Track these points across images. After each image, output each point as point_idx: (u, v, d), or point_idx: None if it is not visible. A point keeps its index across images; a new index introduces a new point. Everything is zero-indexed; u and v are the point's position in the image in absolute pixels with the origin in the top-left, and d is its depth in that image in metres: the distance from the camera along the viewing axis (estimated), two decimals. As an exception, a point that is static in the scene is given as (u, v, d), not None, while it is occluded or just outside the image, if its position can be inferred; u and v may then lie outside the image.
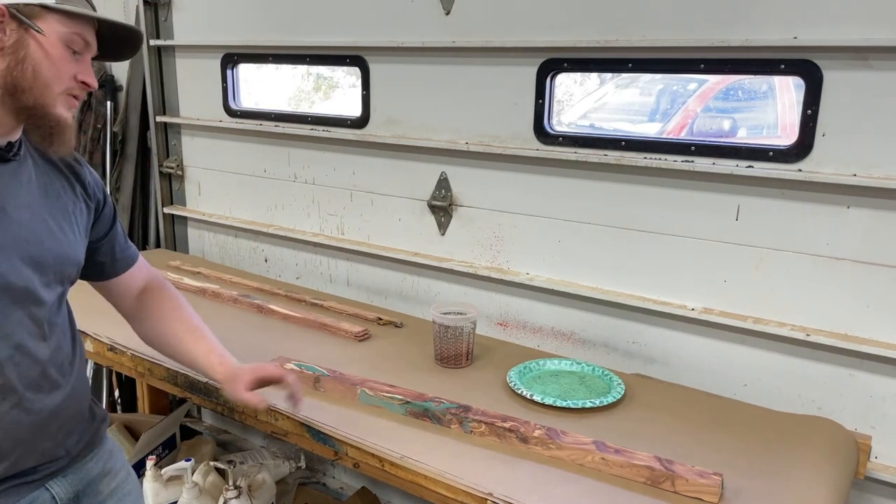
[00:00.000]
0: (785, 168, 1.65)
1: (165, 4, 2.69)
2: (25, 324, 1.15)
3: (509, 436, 1.45)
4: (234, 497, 1.97)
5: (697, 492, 1.28)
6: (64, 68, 1.11)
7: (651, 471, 1.31)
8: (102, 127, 2.95)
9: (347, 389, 1.64)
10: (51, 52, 1.09)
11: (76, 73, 1.14)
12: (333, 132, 2.37)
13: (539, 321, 2.09)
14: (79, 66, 1.14)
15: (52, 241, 1.19)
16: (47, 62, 1.09)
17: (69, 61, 1.12)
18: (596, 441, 1.39)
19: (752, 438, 1.52)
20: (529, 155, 1.97)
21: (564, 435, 1.42)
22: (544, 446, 1.41)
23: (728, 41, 1.64)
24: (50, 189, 1.21)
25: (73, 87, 1.14)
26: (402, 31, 2.14)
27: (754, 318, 1.74)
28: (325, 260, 2.54)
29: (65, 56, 1.11)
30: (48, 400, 1.20)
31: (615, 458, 1.34)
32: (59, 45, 1.10)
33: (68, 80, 1.13)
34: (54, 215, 1.20)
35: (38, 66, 1.08)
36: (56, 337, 1.22)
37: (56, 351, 1.22)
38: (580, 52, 1.86)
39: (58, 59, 1.10)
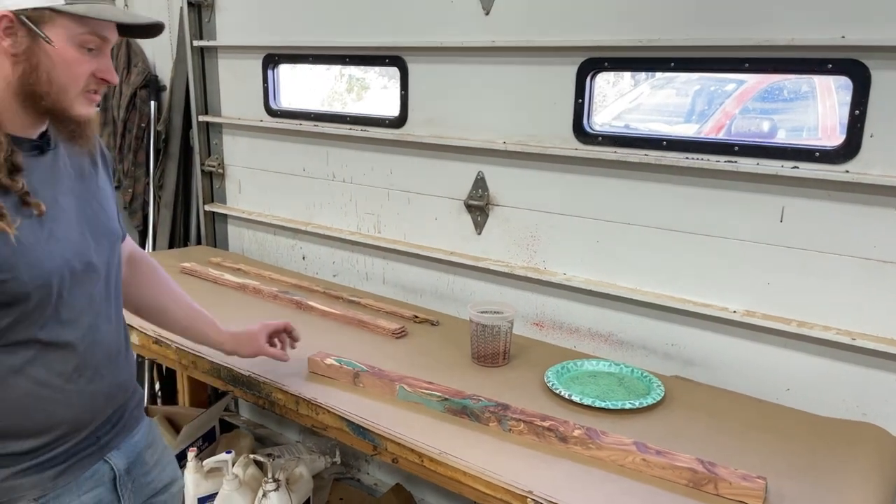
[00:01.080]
0: (831, 169, 1.62)
1: (209, 6, 2.75)
2: (94, 303, 1.22)
3: (548, 435, 1.45)
4: (272, 490, 2.00)
5: (741, 495, 1.27)
6: (79, 70, 1.10)
7: (693, 473, 1.30)
8: (147, 126, 3.02)
9: (386, 385, 1.66)
10: (64, 57, 1.08)
11: (94, 70, 1.12)
12: (371, 132, 2.39)
13: (576, 322, 2.09)
14: (96, 62, 1.12)
15: (98, 221, 1.24)
16: (61, 67, 1.08)
17: (85, 61, 1.11)
18: (637, 442, 1.39)
19: (795, 443, 1.50)
20: (568, 154, 1.96)
21: (604, 435, 1.42)
22: (584, 446, 1.41)
23: (773, 40, 1.62)
24: (83, 170, 1.25)
25: (91, 85, 1.13)
26: (441, 32, 2.15)
27: (798, 322, 1.71)
28: (362, 258, 2.56)
29: (79, 58, 1.10)
30: (116, 374, 1.28)
31: (656, 460, 1.34)
32: (73, 47, 1.09)
33: (85, 79, 1.12)
34: (95, 195, 1.26)
35: (52, 71, 1.08)
36: (116, 316, 1.30)
37: (117, 329, 1.30)
38: (621, 52, 1.85)
39: (72, 61, 1.09)
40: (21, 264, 1.08)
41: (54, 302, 1.14)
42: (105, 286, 1.25)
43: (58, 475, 1.19)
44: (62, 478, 1.20)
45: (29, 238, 1.09)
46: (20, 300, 1.09)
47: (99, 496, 1.26)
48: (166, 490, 1.43)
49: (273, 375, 1.73)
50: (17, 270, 1.07)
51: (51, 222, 1.14)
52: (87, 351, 1.21)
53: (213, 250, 2.93)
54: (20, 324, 1.11)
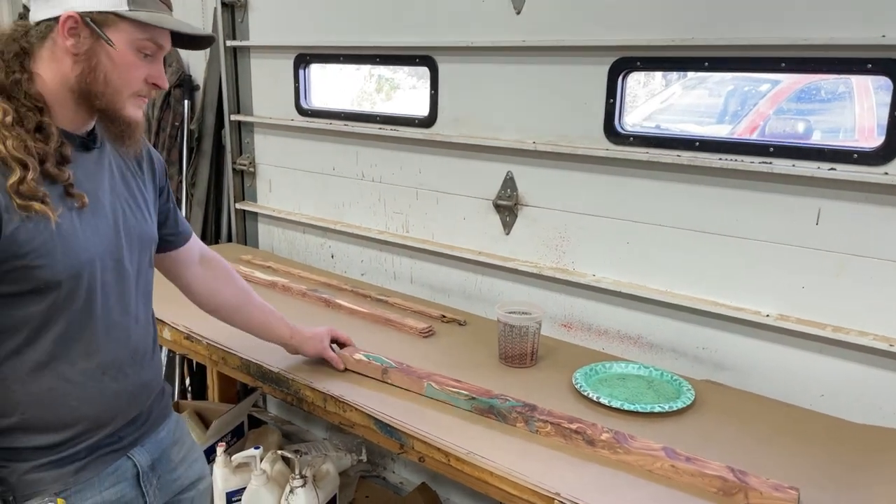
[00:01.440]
0: (870, 171, 1.58)
1: (242, 6, 2.78)
2: (122, 302, 1.24)
3: (576, 437, 1.44)
4: (299, 486, 2.02)
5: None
6: (135, 74, 1.15)
7: (723, 481, 1.28)
8: (180, 125, 3.07)
9: (413, 382, 1.66)
10: (122, 61, 1.13)
11: (147, 75, 1.16)
12: (401, 131, 2.40)
13: (604, 324, 2.07)
14: (150, 68, 1.17)
15: (135, 222, 1.27)
16: (118, 70, 1.13)
17: (141, 66, 1.15)
18: (665, 448, 1.37)
19: (830, 451, 1.47)
20: (599, 155, 1.95)
21: (633, 440, 1.40)
22: (612, 450, 1.40)
23: (811, 39, 1.59)
24: (126, 172, 1.29)
25: (142, 89, 1.18)
26: (472, 31, 2.15)
27: (833, 327, 1.68)
28: (390, 257, 2.57)
29: (135, 62, 1.14)
30: (140, 374, 1.30)
31: (686, 467, 1.32)
32: (131, 52, 1.13)
33: (138, 83, 1.16)
34: (134, 196, 1.29)
35: (109, 73, 1.12)
36: (145, 317, 1.31)
37: (145, 329, 1.31)
38: (654, 51, 1.83)
39: (129, 66, 1.13)
40: (57, 252, 1.10)
41: (83, 295, 1.16)
42: (135, 286, 1.27)
43: (79, 470, 1.21)
44: (83, 473, 1.22)
45: (67, 228, 1.12)
46: (52, 288, 1.11)
47: (121, 492, 1.27)
48: (193, 487, 1.44)
49: (302, 372, 1.75)
50: (52, 257, 1.10)
51: (89, 216, 1.17)
52: (112, 349, 1.23)
53: (243, 248, 2.96)
54: (49, 316, 1.13)
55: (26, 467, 1.16)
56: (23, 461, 1.16)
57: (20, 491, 1.16)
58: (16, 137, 1.06)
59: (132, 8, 1.11)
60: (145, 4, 1.13)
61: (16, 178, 1.05)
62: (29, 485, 1.17)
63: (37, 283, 1.10)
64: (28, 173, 1.05)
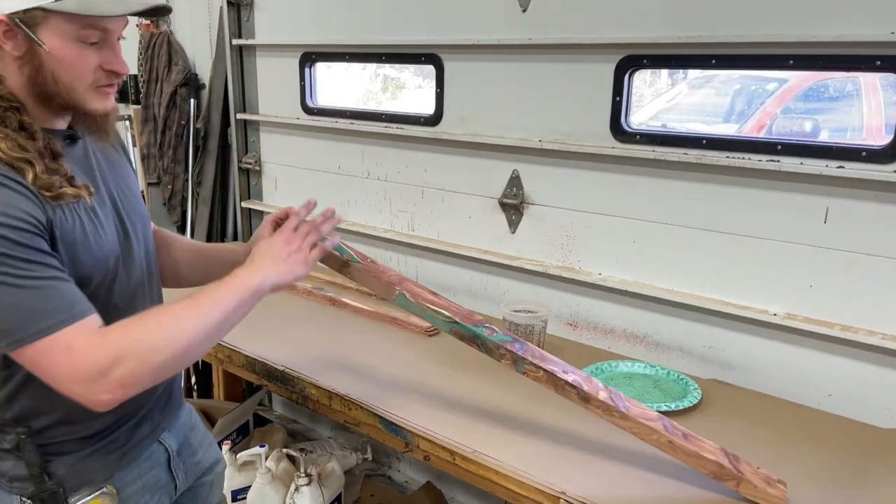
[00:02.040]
0: (879, 169, 1.57)
1: (248, 5, 2.78)
2: (139, 286, 1.25)
3: (569, 390, 1.31)
4: (304, 484, 2.02)
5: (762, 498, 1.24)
6: (82, 66, 1.07)
7: (720, 467, 1.26)
8: (186, 123, 3.08)
9: (382, 286, 1.40)
10: (63, 56, 1.05)
11: (100, 63, 1.08)
12: (406, 130, 2.39)
13: (611, 322, 2.06)
14: (101, 55, 1.08)
15: (131, 206, 1.25)
16: (64, 66, 1.05)
17: (87, 56, 1.07)
18: (662, 418, 1.30)
19: (836, 451, 1.46)
20: (605, 153, 1.94)
21: (630, 403, 1.31)
22: (607, 412, 1.29)
23: (820, 36, 1.58)
24: (111, 159, 1.27)
25: (101, 79, 1.10)
26: (477, 29, 2.14)
27: (842, 326, 1.66)
28: (396, 256, 2.57)
29: (80, 54, 1.06)
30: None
31: (683, 445, 1.27)
32: (71, 44, 1.05)
33: (92, 74, 1.08)
34: (124, 179, 1.27)
35: (56, 71, 1.05)
36: (158, 297, 1.33)
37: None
38: (661, 49, 1.82)
39: (73, 58, 1.05)
40: (84, 249, 1.11)
41: (108, 286, 1.17)
42: (147, 268, 1.28)
43: (122, 457, 1.24)
44: (125, 459, 1.25)
45: (87, 225, 1.12)
46: (84, 284, 1.11)
47: (156, 477, 1.31)
48: (212, 470, 1.48)
49: (307, 370, 1.75)
50: (81, 255, 1.11)
51: (97, 209, 1.16)
52: None
53: (249, 246, 2.96)
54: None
55: (74, 459, 1.18)
56: (69, 453, 1.18)
57: (69, 482, 1.18)
58: (6, 138, 1.03)
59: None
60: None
61: (30, 176, 1.03)
62: (77, 475, 1.19)
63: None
64: (36, 168, 1.04)
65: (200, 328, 1.10)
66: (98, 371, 1.02)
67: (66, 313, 1.02)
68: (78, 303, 1.05)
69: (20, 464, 1.15)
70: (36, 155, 1.05)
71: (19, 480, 1.16)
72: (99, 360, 1.02)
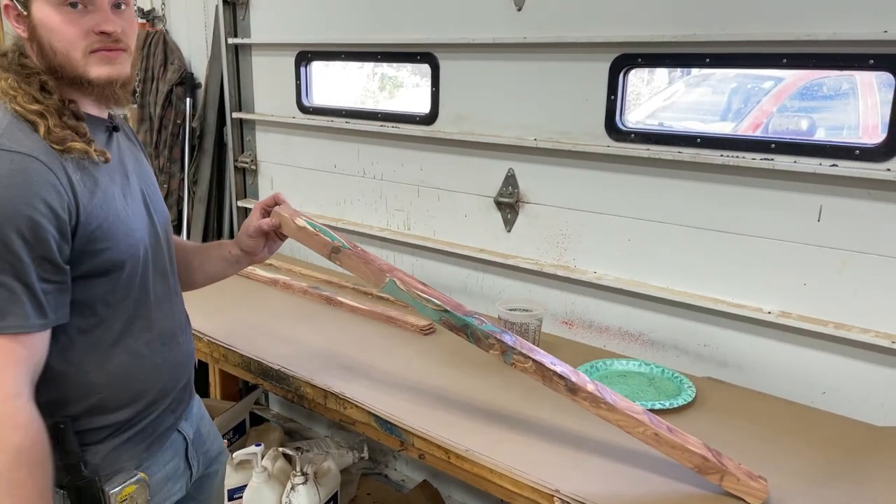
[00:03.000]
0: (872, 167, 1.57)
1: (243, 4, 2.78)
2: (165, 276, 1.30)
3: (558, 382, 1.32)
4: (301, 483, 2.02)
5: (744, 492, 1.25)
6: (70, 31, 1.09)
7: (704, 461, 1.26)
8: (182, 122, 3.07)
9: (372, 273, 1.39)
10: (51, 23, 1.09)
11: (90, 27, 1.11)
12: (402, 129, 2.39)
13: (606, 321, 2.06)
14: (88, 18, 1.11)
15: (156, 201, 1.31)
16: (54, 34, 1.09)
17: (73, 21, 1.09)
18: (647, 412, 1.31)
19: (830, 448, 1.46)
20: (600, 152, 1.94)
21: (617, 396, 1.32)
22: (594, 404, 1.30)
23: (814, 35, 1.58)
24: (139, 159, 1.33)
25: (94, 43, 1.11)
26: (473, 28, 2.14)
27: (835, 324, 1.67)
28: (392, 254, 2.57)
29: (67, 19, 1.09)
30: (187, 343, 1.37)
31: (668, 437, 1.27)
32: (55, 11, 1.09)
33: (83, 39, 1.10)
34: (150, 178, 1.34)
35: (51, 41, 1.10)
36: (179, 288, 1.38)
37: (181, 300, 1.38)
38: (655, 47, 1.82)
39: (59, 25, 1.09)
40: (118, 234, 1.15)
41: (140, 272, 1.21)
42: (170, 262, 1.33)
43: (150, 445, 1.27)
44: (153, 447, 1.28)
45: (121, 211, 1.17)
46: (116, 269, 1.16)
47: (177, 465, 1.35)
48: (218, 460, 1.52)
49: (303, 369, 1.75)
50: (115, 240, 1.14)
51: (130, 199, 1.21)
52: (165, 321, 1.29)
53: (245, 245, 2.96)
54: (116, 295, 1.18)
55: (108, 447, 1.21)
56: (102, 441, 1.21)
57: (103, 471, 1.20)
58: (23, 93, 1.09)
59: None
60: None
61: (43, 130, 1.07)
62: (111, 463, 1.21)
63: (104, 265, 1.14)
64: (49, 121, 1.08)
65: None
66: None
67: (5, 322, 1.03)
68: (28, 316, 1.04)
69: (54, 454, 1.16)
70: (52, 110, 1.09)
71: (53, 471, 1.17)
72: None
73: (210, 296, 1.66)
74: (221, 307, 2.14)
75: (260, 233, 1.42)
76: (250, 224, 1.43)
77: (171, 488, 1.33)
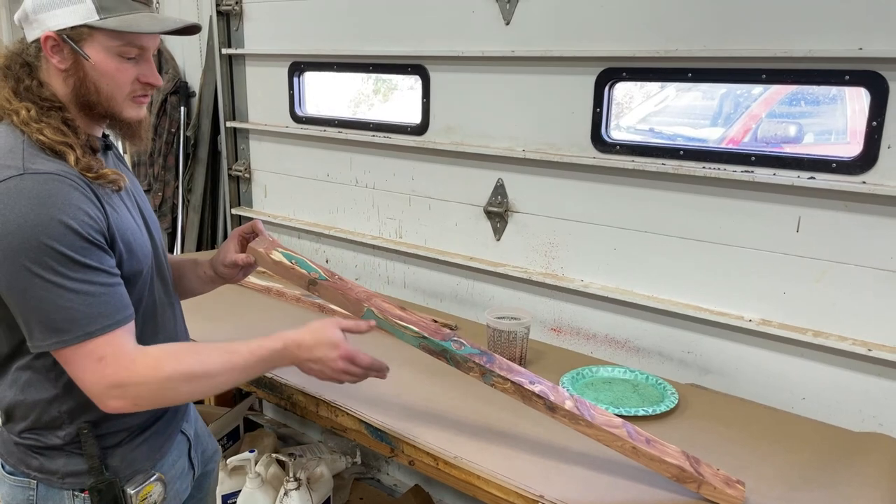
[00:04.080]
0: (848, 180, 1.62)
1: (237, 15, 2.82)
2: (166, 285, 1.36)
3: (537, 401, 1.35)
4: (293, 489, 2.06)
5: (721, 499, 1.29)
6: (122, 78, 1.17)
7: (681, 471, 1.30)
8: (176, 131, 3.11)
9: (349, 303, 1.41)
10: (106, 69, 1.15)
11: (137, 76, 1.19)
12: (394, 139, 2.43)
13: (593, 328, 2.11)
14: (138, 68, 1.19)
15: (150, 213, 1.36)
16: (105, 78, 1.16)
17: (126, 69, 1.17)
18: (626, 424, 1.35)
19: (809, 454, 1.51)
20: (586, 163, 1.99)
21: (595, 411, 1.35)
22: (573, 420, 1.33)
23: (791, 51, 1.63)
24: (129, 174, 1.36)
25: (137, 90, 1.20)
26: (462, 41, 2.18)
27: (814, 332, 1.72)
28: (384, 262, 2.61)
29: (120, 67, 1.16)
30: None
31: (646, 450, 1.31)
32: (112, 59, 1.15)
33: (129, 85, 1.19)
34: (140, 189, 1.38)
35: (97, 82, 1.16)
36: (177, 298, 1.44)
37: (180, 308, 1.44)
38: (639, 62, 1.87)
39: (113, 71, 1.16)
40: (135, 245, 1.21)
41: (149, 281, 1.26)
42: (168, 270, 1.38)
43: (162, 445, 1.33)
44: (165, 447, 1.34)
45: (132, 222, 1.23)
46: (137, 276, 1.22)
47: (182, 465, 1.40)
48: (212, 460, 1.57)
49: (294, 378, 1.78)
50: (134, 250, 1.20)
51: (133, 212, 1.26)
52: (170, 328, 1.34)
53: (239, 253, 2.99)
54: (135, 302, 1.21)
55: (127, 449, 1.26)
56: (121, 444, 1.26)
57: (123, 472, 1.26)
58: (48, 126, 1.13)
59: (102, 17, 1.12)
60: (116, 9, 1.13)
61: (72, 158, 1.12)
62: (130, 464, 1.27)
63: (125, 274, 1.18)
64: (77, 151, 1.13)
65: (222, 386, 1.23)
66: (117, 384, 1.11)
67: (111, 319, 1.11)
68: (121, 309, 1.13)
69: (74, 459, 1.22)
70: (76, 142, 1.14)
71: (73, 476, 1.22)
72: (121, 377, 1.11)
73: (203, 304, 1.69)
74: (215, 315, 2.17)
75: (235, 266, 1.48)
76: (227, 255, 1.47)
77: (179, 487, 1.39)
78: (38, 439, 1.21)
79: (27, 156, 1.10)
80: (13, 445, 1.24)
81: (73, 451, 1.21)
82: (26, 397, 1.19)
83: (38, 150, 1.11)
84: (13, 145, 1.11)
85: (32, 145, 1.11)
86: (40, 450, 1.22)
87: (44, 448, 1.21)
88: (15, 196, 1.05)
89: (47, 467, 1.22)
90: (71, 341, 1.08)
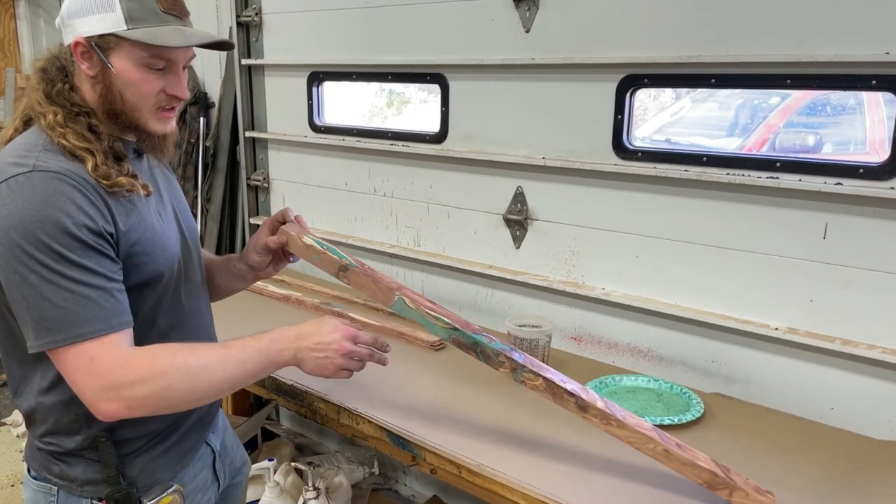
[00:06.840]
0: (876, 186, 1.60)
1: (257, 26, 2.84)
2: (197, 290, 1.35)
3: (568, 399, 1.32)
4: (312, 498, 2.04)
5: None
6: (147, 89, 1.16)
7: (713, 476, 1.28)
8: (196, 141, 3.13)
9: (380, 292, 1.39)
10: (132, 79, 1.15)
11: (163, 87, 1.18)
12: (412, 147, 2.43)
13: (615, 337, 2.09)
14: (165, 80, 1.18)
15: (187, 219, 1.36)
16: (131, 88, 1.15)
17: (152, 80, 1.16)
18: (656, 428, 1.33)
19: (838, 465, 1.48)
20: (607, 170, 1.97)
21: (626, 414, 1.33)
22: (604, 420, 1.31)
23: (816, 56, 1.61)
24: (168, 177, 1.38)
25: (162, 102, 1.19)
26: (482, 49, 2.19)
27: (842, 340, 1.69)
28: (402, 271, 2.60)
29: (146, 78, 1.16)
30: None
31: (678, 454, 1.28)
32: (138, 69, 1.15)
33: (155, 97, 1.18)
34: (181, 197, 1.39)
35: (123, 92, 1.16)
36: (207, 301, 1.43)
37: (210, 312, 1.43)
38: (661, 68, 1.86)
39: (140, 82, 1.15)
40: (156, 247, 1.20)
41: (174, 285, 1.25)
42: (201, 273, 1.37)
43: (183, 457, 1.31)
44: (186, 459, 1.32)
45: (157, 226, 1.22)
46: (156, 281, 1.21)
47: (206, 477, 1.38)
48: (241, 471, 1.55)
49: (316, 385, 1.78)
50: (153, 255, 1.19)
51: (164, 215, 1.26)
52: (196, 333, 1.33)
53: (257, 262, 3.00)
54: (155, 307, 1.22)
55: (145, 460, 1.25)
56: (139, 453, 1.24)
57: (141, 482, 1.24)
58: (73, 131, 1.13)
59: (130, 27, 1.12)
60: (144, 20, 1.12)
61: (90, 165, 1.12)
62: (148, 475, 1.25)
63: (143, 278, 1.18)
64: (97, 158, 1.13)
65: (221, 384, 1.18)
66: (111, 386, 1.08)
67: (105, 323, 1.09)
68: (117, 315, 1.11)
69: (92, 467, 1.21)
70: (98, 149, 1.14)
71: (91, 484, 1.21)
72: (116, 377, 1.09)
73: (223, 312, 1.69)
74: (234, 323, 2.15)
75: (266, 250, 1.44)
76: (257, 240, 1.45)
77: (200, 500, 1.36)
78: (58, 444, 1.21)
79: (41, 154, 1.11)
80: (36, 450, 1.24)
81: (91, 458, 1.21)
82: (44, 400, 1.19)
83: (56, 151, 1.12)
84: (33, 144, 1.13)
85: (52, 146, 1.12)
86: (60, 455, 1.21)
87: (63, 454, 1.21)
88: (19, 191, 1.06)
89: (67, 474, 1.21)
90: (61, 342, 1.06)
